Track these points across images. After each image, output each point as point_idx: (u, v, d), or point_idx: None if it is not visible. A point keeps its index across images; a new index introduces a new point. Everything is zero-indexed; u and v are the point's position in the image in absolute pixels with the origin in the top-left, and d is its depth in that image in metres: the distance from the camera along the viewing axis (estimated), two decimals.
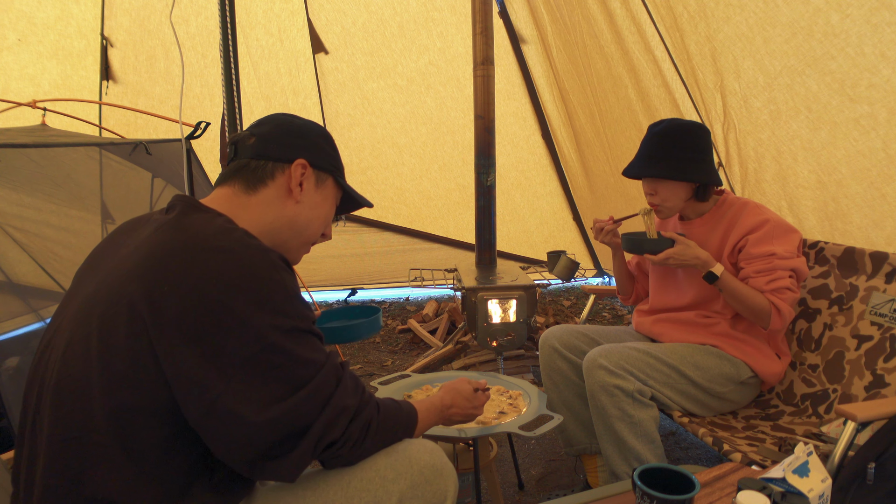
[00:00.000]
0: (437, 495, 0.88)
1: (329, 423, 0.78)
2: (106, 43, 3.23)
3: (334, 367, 0.81)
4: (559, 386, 1.63)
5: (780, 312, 1.41)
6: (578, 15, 3.00)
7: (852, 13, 1.79)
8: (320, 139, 0.97)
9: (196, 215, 0.82)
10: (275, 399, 0.74)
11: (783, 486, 0.82)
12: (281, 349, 0.74)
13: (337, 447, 0.81)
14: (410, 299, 4.44)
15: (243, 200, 0.89)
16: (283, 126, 0.94)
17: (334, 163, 0.99)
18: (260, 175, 0.90)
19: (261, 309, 0.73)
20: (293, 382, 0.75)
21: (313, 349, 0.79)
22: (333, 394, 0.79)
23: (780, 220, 1.47)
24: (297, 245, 0.97)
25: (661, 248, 1.47)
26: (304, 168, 0.92)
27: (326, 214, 0.99)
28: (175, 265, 0.73)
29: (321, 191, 0.97)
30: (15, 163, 1.92)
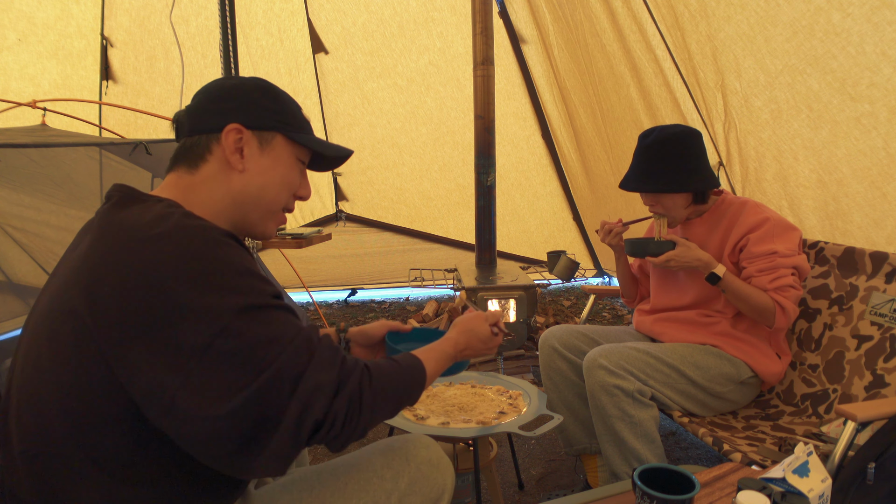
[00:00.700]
0: (434, 490, 0.88)
1: (305, 404, 0.69)
2: (106, 43, 3.24)
3: (305, 341, 0.71)
4: (559, 386, 1.63)
5: (784, 310, 1.42)
6: (581, 14, 2.99)
7: (853, 12, 1.79)
8: (256, 94, 0.85)
9: (132, 207, 0.75)
10: (236, 388, 0.66)
11: (783, 486, 0.81)
12: (235, 332, 0.66)
13: (326, 429, 0.71)
14: (410, 299, 4.44)
15: (188, 182, 0.82)
16: (212, 92, 0.84)
17: (280, 117, 0.86)
18: (198, 152, 0.82)
19: (206, 291, 0.66)
20: (253, 366, 0.67)
21: (276, 325, 0.70)
22: (304, 371, 0.69)
23: (779, 218, 1.47)
24: (260, 216, 0.87)
25: (662, 251, 1.47)
26: (238, 132, 0.81)
27: (283, 176, 0.87)
28: (111, 263, 0.67)
29: (269, 152, 0.85)
30: (15, 163, 1.92)
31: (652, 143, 1.51)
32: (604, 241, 1.68)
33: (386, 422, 1.27)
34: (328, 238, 1.68)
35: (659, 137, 1.50)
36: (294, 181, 0.90)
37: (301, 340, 0.71)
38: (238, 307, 0.67)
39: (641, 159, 1.53)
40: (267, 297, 0.71)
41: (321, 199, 4.08)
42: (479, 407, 1.39)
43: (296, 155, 0.88)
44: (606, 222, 1.68)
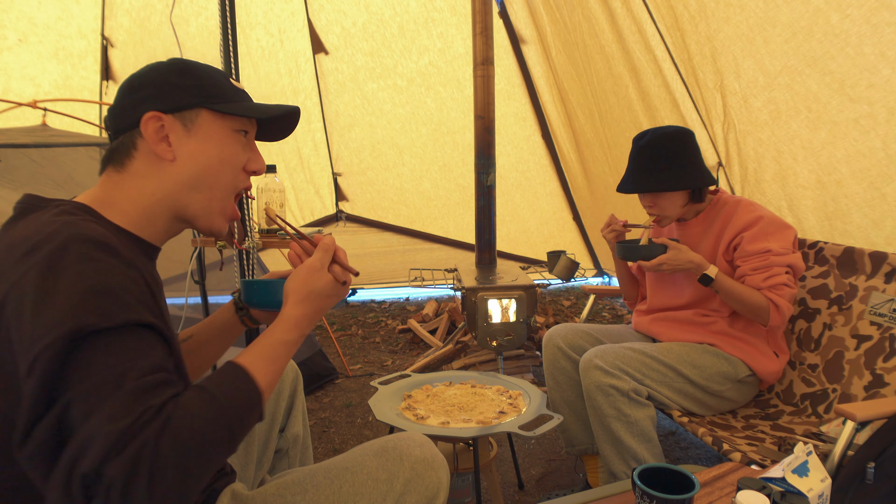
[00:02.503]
0: (430, 488, 0.87)
1: (77, 450, 0.55)
2: (106, 43, 3.24)
3: (122, 373, 0.58)
4: (562, 385, 1.63)
5: (778, 309, 1.42)
6: (579, 14, 3.00)
7: (852, 13, 1.79)
8: (168, 75, 0.77)
9: (27, 217, 0.70)
10: (33, 418, 0.57)
11: (783, 486, 0.82)
12: (59, 354, 0.57)
13: (101, 497, 0.54)
14: (410, 299, 4.44)
15: (116, 181, 0.77)
16: (124, 88, 0.78)
17: (200, 91, 0.77)
18: (123, 150, 0.77)
19: (50, 306, 0.58)
20: (56, 392, 0.57)
21: (107, 354, 0.59)
22: (94, 411, 0.56)
23: (773, 216, 1.48)
24: (206, 204, 0.80)
25: (654, 255, 1.48)
26: (157, 120, 0.75)
27: (223, 154, 0.79)
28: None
29: (197, 132, 0.77)
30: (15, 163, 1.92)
31: (645, 144, 1.52)
32: (602, 231, 1.69)
33: (385, 422, 1.28)
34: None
35: (652, 138, 1.52)
36: (235, 156, 0.81)
37: (115, 373, 0.58)
38: (70, 329, 0.57)
39: (636, 161, 1.54)
40: (114, 322, 0.60)
41: (321, 200, 4.09)
42: (479, 407, 1.39)
43: (230, 127, 0.80)
44: (614, 218, 1.69)
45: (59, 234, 0.63)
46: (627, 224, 1.66)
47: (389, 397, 1.44)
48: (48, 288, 0.59)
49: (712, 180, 1.54)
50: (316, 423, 2.32)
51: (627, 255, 1.57)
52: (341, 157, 3.96)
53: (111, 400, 0.56)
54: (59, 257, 0.61)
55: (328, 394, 2.63)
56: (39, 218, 0.68)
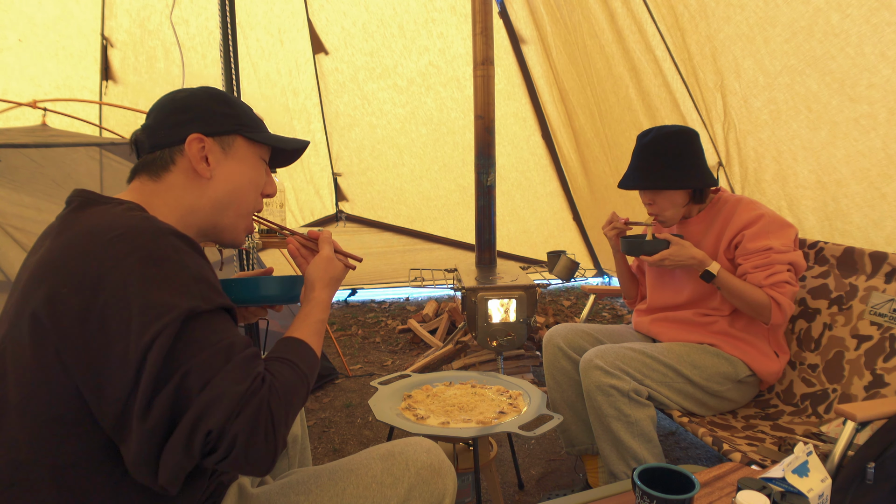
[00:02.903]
0: (435, 495, 0.87)
1: (203, 410, 0.65)
2: (106, 43, 3.24)
3: (228, 346, 0.70)
4: (562, 385, 1.63)
5: (780, 306, 1.42)
6: (579, 15, 3.00)
7: (852, 13, 1.79)
8: (210, 102, 0.87)
9: (92, 210, 0.76)
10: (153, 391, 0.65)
11: (783, 486, 0.82)
12: (174, 333, 0.66)
13: (223, 450, 0.66)
14: (410, 299, 4.44)
15: (152, 188, 0.84)
16: (166, 108, 0.86)
17: (237, 119, 0.88)
18: (160, 163, 0.84)
19: (158, 289, 0.67)
20: (172, 367, 0.66)
21: (211, 331, 0.70)
22: (214, 376, 0.67)
23: (774, 214, 1.48)
24: (233, 220, 0.89)
25: (657, 250, 1.48)
26: (200, 141, 0.83)
27: (251, 178, 0.90)
28: (70, 265, 0.68)
29: (232, 156, 0.87)
30: (15, 163, 1.92)
31: (650, 141, 1.52)
32: (604, 228, 1.69)
33: (385, 422, 1.28)
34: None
35: (657, 136, 1.51)
36: (261, 180, 0.92)
37: (223, 346, 0.69)
38: (184, 310, 0.67)
39: (640, 157, 1.54)
40: (213, 304, 0.71)
41: (321, 200, 4.09)
42: (479, 407, 1.39)
43: (258, 154, 0.91)
44: (616, 216, 1.68)
45: (145, 227, 0.71)
46: (629, 222, 1.66)
47: (389, 397, 1.44)
48: (153, 275, 0.67)
49: (713, 181, 1.54)
50: (316, 423, 2.32)
51: (630, 250, 1.57)
52: (341, 157, 3.96)
53: (226, 368, 0.68)
54: (156, 247, 0.69)
55: (328, 394, 2.63)
56: (109, 211, 0.75)
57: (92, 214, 0.74)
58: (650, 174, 1.51)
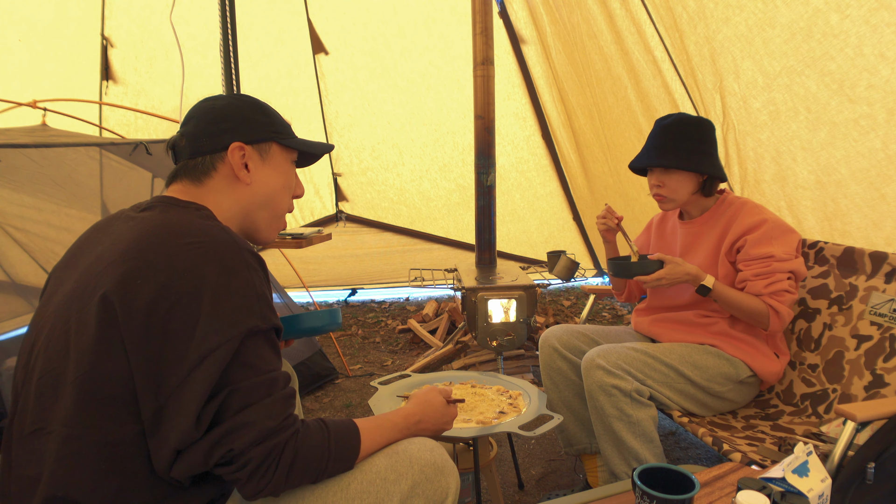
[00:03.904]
0: (438, 493, 0.88)
1: (232, 429, 0.72)
2: (106, 43, 3.24)
3: (272, 379, 0.76)
4: (559, 386, 1.63)
5: (778, 314, 1.43)
6: (578, 16, 3.00)
7: (851, 14, 1.79)
8: (249, 111, 0.93)
9: (175, 211, 0.83)
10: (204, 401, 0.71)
11: (783, 486, 0.82)
12: (232, 349, 0.72)
13: (236, 467, 0.73)
14: (410, 299, 4.44)
15: (194, 192, 0.89)
16: (207, 115, 0.91)
17: (272, 127, 0.95)
18: (202, 169, 0.89)
19: (227, 305, 0.72)
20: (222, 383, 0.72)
21: (263, 355, 0.76)
22: (253, 404, 0.73)
23: (778, 220, 1.48)
24: (269, 222, 0.96)
25: (651, 270, 1.47)
26: (241, 149, 0.90)
27: (285, 182, 0.97)
28: (150, 257, 0.73)
29: (269, 163, 0.94)
30: (15, 163, 1.92)
31: (670, 123, 1.53)
32: (598, 221, 1.69)
33: None
34: (328, 238, 1.68)
35: (678, 119, 1.53)
36: (292, 183, 0.99)
37: (269, 378, 0.75)
38: (246, 328, 0.72)
39: (657, 138, 1.54)
40: (269, 325, 0.76)
41: (321, 200, 4.09)
42: (479, 407, 1.39)
43: (290, 159, 0.98)
44: (612, 210, 1.68)
45: (223, 238, 0.77)
46: (620, 223, 1.66)
47: (389, 397, 1.44)
48: (225, 286, 0.73)
49: (724, 176, 1.55)
50: None
51: (623, 273, 1.57)
52: (341, 158, 3.96)
53: (266, 401, 0.74)
54: (231, 260, 0.75)
55: (328, 394, 2.64)
56: (190, 215, 0.81)
57: (174, 215, 0.81)
58: (665, 153, 1.52)
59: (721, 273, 1.52)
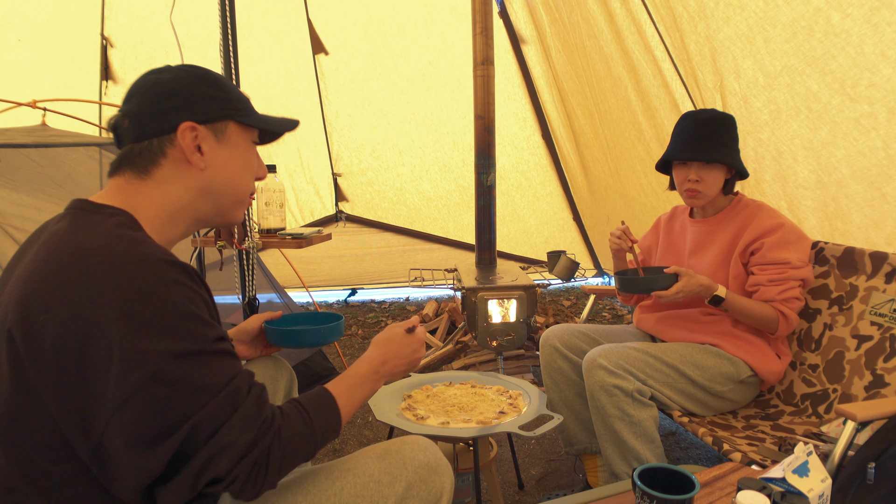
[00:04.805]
0: (432, 493, 0.87)
1: (210, 457, 0.66)
2: (106, 43, 3.24)
3: (233, 392, 0.69)
4: (560, 385, 1.63)
5: (787, 320, 1.46)
6: (578, 16, 3.00)
7: (853, 13, 1.79)
8: (200, 85, 0.81)
9: (85, 220, 0.72)
10: (159, 437, 0.64)
11: (783, 486, 0.82)
12: (165, 378, 0.64)
13: (225, 485, 0.70)
14: (410, 299, 4.44)
15: (138, 187, 0.78)
16: (151, 92, 0.79)
17: (228, 103, 0.82)
18: (148, 156, 0.78)
19: (142, 334, 0.63)
20: (177, 415, 0.65)
21: (209, 372, 0.68)
22: (223, 425, 0.67)
23: (793, 225, 1.50)
24: (230, 206, 0.86)
25: (670, 284, 1.46)
26: (193, 130, 0.78)
27: (245, 163, 0.86)
28: (51, 287, 0.64)
29: (226, 144, 0.82)
30: (15, 163, 1.92)
31: (709, 119, 1.53)
32: (611, 239, 1.68)
33: (385, 422, 1.28)
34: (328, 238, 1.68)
35: (714, 114, 1.53)
36: (254, 164, 0.88)
37: (229, 392, 0.69)
38: (172, 353, 0.64)
39: (694, 131, 1.53)
40: (206, 342, 0.68)
41: (321, 200, 4.09)
42: (479, 407, 1.39)
43: (250, 138, 0.87)
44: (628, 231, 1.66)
45: (132, 254, 0.67)
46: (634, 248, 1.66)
47: (389, 397, 1.44)
48: (136, 313, 0.63)
49: (747, 173, 1.57)
50: None
51: (640, 289, 1.55)
52: (341, 158, 3.96)
53: (236, 415, 0.68)
54: (141, 281, 0.65)
55: None
56: (99, 226, 0.71)
57: (80, 229, 0.70)
58: (708, 147, 1.51)
59: (732, 274, 1.52)
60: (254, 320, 1.18)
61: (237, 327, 1.17)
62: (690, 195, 1.57)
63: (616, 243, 1.66)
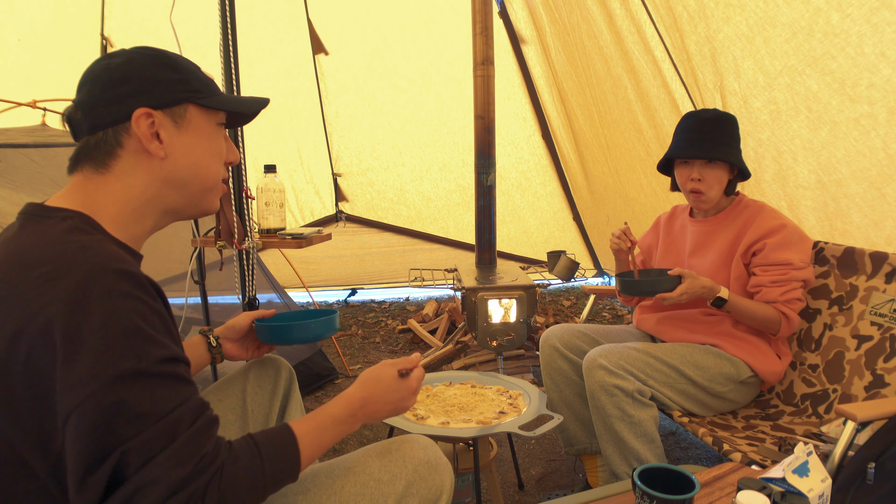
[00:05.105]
0: (432, 491, 0.87)
1: (136, 491, 0.60)
2: (106, 43, 3.23)
3: (173, 422, 0.62)
4: (560, 385, 1.63)
5: (789, 321, 1.46)
6: (577, 16, 3.00)
7: (852, 13, 1.79)
8: (154, 68, 0.75)
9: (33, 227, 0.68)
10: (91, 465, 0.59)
11: (783, 486, 0.82)
12: (104, 403, 0.59)
13: None
14: (410, 299, 4.44)
15: (97, 183, 0.74)
16: (102, 79, 0.74)
17: (186, 85, 0.77)
18: (105, 149, 0.73)
19: (83, 352, 0.59)
20: (108, 442, 0.59)
21: (151, 398, 0.62)
22: (152, 459, 0.61)
23: (795, 226, 1.50)
24: (199, 195, 0.81)
25: (673, 286, 1.46)
26: (149, 116, 0.73)
27: (210, 147, 0.80)
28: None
29: (187, 129, 0.77)
30: (15, 163, 1.92)
31: (711, 118, 1.53)
32: (611, 240, 1.68)
33: (385, 422, 1.27)
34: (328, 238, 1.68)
35: (717, 114, 1.54)
36: (221, 148, 0.82)
37: (168, 422, 0.62)
38: (112, 373, 0.59)
39: (698, 130, 1.53)
40: (150, 362, 0.62)
41: (321, 200, 4.09)
42: (479, 407, 1.39)
43: (214, 120, 0.81)
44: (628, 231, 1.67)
45: (80, 262, 0.62)
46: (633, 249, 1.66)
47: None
48: (78, 330, 0.59)
49: (749, 173, 1.57)
50: None
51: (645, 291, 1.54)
52: (341, 158, 3.96)
53: (170, 448, 0.61)
54: (86, 293, 0.60)
55: (328, 394, 2.63)
56: (48, 233, 0.67)
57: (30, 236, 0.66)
58: (715, 145, 1.51)
59: (734, 275, 1.52)
60: (243, 317, 1.13)
61: (225, 324, 1.12)
62: (695, 196, 1.56)
63: (616, 243, 1.67)
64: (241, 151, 1.54)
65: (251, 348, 1.16)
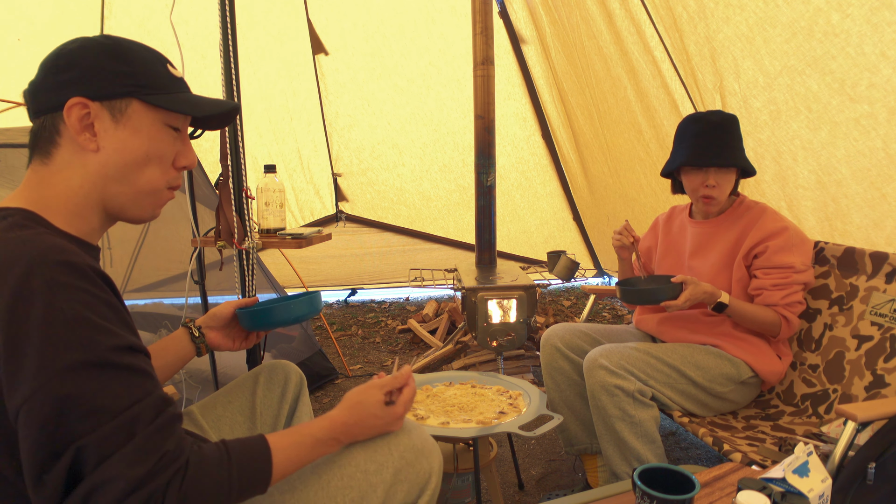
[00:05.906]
0: (420, 475, 0.86)
1: (93, 489, 0.58)
2: None
3: (132, 418, 0.60)
4: (560, 385, 1.63)
5: (789, 323, 1.47)
6: (577, 16, 3.00)
7: (853, 13, 1.79)
8: (102, 58, 0.71)
9: None
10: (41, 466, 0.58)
11: (783, 486, 0.81)
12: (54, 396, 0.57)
13: None
14: (410, 299, 4.44)
15: (42, 176, 0.72)
16: (50, 63, 0.72)
17: (133, 79, 0.73)
18: (46, 136, 0.71)
19: (28, 345, 0.57)
20: (61, 439, 0.58)
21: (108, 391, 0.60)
22: (110, 456, 0.59)
23: (797, 229, 1.50)
24: (131, 200, 0.76)
25: (676, 294, 1.45)
26: (83, 107, 0.70)
27: (149, 150, 0.75)
28: None
29: (126, 124, 0.73)
30: (15, 163, 1.92)
31: (720, 122, 1.52)
32: (614, 237, 1.68)
33: None
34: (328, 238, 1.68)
35: (724, 117, 1.52)
36: (165, 152, 0.77)
37: (127, 418, 0.60)
38: (61, 365, 0.58)
39: (709, 135, 1.50)
40: (99, 351, 0.60)
41: (321, 200, 4.09)
42: (479, 407, 1.39)
43: (162, 121, 0.76)
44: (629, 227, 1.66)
45: (19, 257, 0.60)
46: (636, 244, 1.65)
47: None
48: (20, 324, 0.58)
49: (754, 171, 1.57)
50: None
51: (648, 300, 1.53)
52: (341, 158, 3.96)
53: (129, 446, 0.59)
54: (26, 287, 0.58)
55: (328, 394, 2.63)
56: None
57: None
58: (730, 151, 1.50)
59: (735, 277, 1.52)
60: (225, 306, 1.10)
61: (208, 313, 1.10)
62: (706, 202, 1.55)
63: (618, 240, 1.66)
64: (241, 151, 1.54)
65: (238, 339, 1.13)
